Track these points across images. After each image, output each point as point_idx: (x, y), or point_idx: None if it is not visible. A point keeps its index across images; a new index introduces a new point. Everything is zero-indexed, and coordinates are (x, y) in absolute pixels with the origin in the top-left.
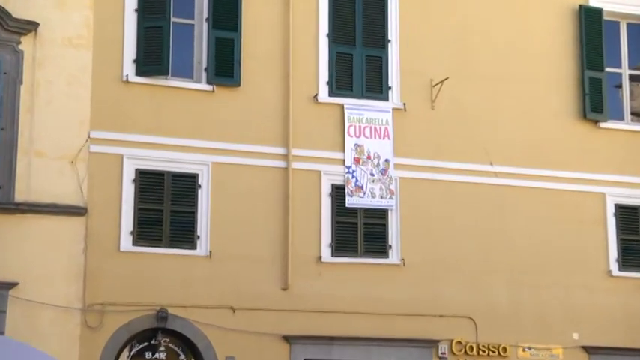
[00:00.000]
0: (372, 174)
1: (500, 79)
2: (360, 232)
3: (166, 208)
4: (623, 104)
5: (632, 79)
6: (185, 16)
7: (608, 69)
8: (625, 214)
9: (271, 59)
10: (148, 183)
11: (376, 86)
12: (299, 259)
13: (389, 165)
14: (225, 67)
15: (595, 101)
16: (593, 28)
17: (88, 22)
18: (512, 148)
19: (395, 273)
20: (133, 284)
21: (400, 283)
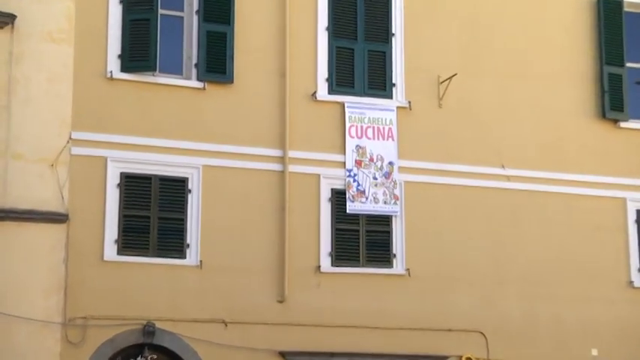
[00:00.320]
0: (374, 177)
1: (513, 75)
2: (362, 240)
3: (153, 214)
4: None
5: None
6: (174, 8)
7: (629, 64)
8: None
9: (266, 54)
10: (133, 187)
11: (379, 83)
12: (296, 269)
13: (393, 168)
14: (217, 63)
15: (615, 99)
16: (612, 20)
17: (69, 14)
18: (525, 149)
19: (400, 284)
20: (117, 297)
21: (405, 295)
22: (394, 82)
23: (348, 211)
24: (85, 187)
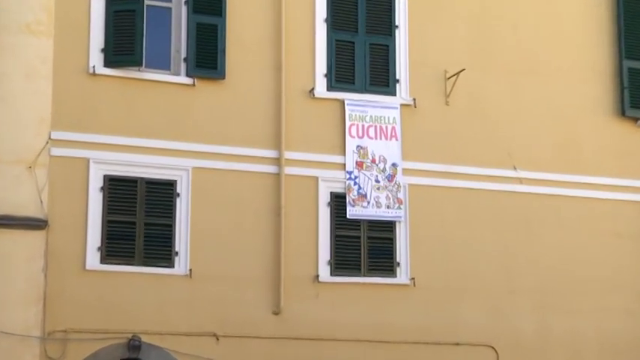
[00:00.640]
0: (377, 180)
1: (525, 70)
2: (364, 248)
3: (139, 220)
4: None
5: None
6: None
7: None
8: None
9: (261, 48)
10: (118, 191)
11: (382, 79)
12: (293, 278)
13: (396, 170)
14: (208, 58)
15: (635, 95)
16: (632, 11)
17: (48, 5)
18: (539, 149)
19: (404, 295)
20: (100, 308)
21: (410, 306)
22: (398, 77)
23: (348, 217)
24: (66, 190)
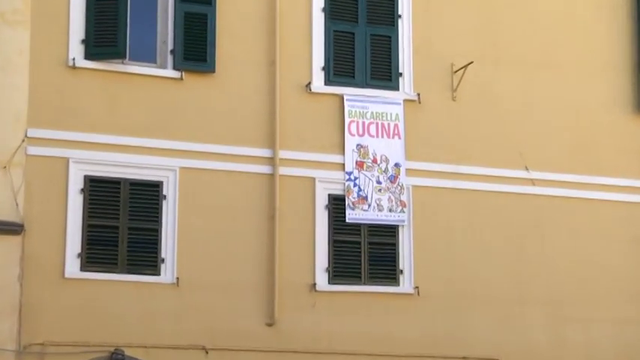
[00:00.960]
0: (378, 181)
1: (538, 63)
2: (364, 254)
3: (123, 224)
4: None
5: None
6: None
7: None
8: None
9: (254, 39)
10: (99, 193)
11: (383, 73)
12: (288, 287)
13: (399, 170)
14: (197, 50)
15: None
16: None
17: None
18: (552, 149)
19: (407, 305)
20: (80, 319)
21: (414, 317)
22: (401, 71)
23: (347, 221)
24: (44, 192)
